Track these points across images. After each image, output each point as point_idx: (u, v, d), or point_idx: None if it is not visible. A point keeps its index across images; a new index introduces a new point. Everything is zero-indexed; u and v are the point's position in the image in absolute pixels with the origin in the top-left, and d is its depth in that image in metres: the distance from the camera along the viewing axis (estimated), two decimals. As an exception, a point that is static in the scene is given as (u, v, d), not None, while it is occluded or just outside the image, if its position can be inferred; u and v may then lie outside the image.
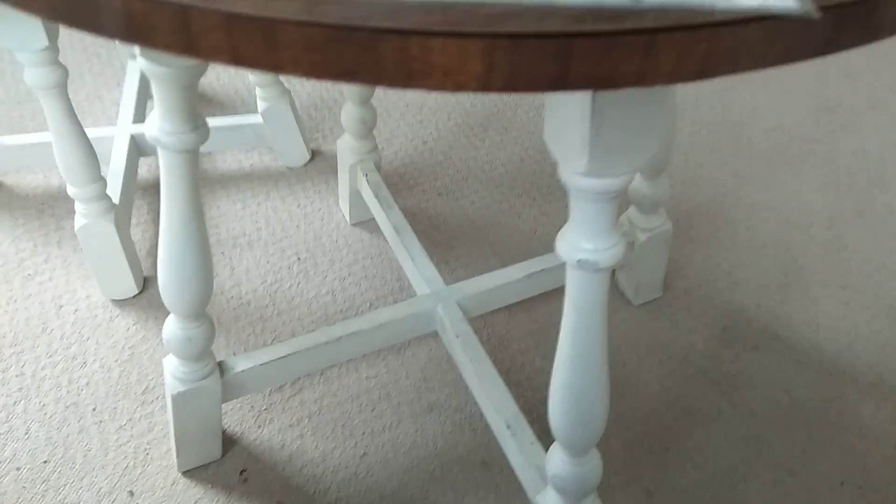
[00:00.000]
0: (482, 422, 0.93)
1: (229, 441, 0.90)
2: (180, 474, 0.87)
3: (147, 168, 1.27)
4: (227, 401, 0.84)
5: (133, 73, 1.30)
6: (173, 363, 0.79)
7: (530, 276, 0.96)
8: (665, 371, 0.99)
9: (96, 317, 1.04)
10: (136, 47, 0.52)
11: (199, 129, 0.59)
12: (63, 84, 0.87)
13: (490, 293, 0.94)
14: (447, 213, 1.20)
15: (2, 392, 0.95)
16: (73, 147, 0.92)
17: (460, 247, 1.15)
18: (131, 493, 0.86)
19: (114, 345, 1.01)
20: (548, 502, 0.71)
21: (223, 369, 0.82)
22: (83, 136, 0.93)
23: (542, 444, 0.79)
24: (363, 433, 0.92)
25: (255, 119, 1.22)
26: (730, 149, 1.34)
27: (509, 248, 1.15)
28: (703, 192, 1.25)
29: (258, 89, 1.20)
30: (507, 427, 0.79)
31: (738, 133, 1.37)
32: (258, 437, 0.91)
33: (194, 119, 0.59)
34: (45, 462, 0.88)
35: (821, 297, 1.08)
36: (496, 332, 1.03)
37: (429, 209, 1.21)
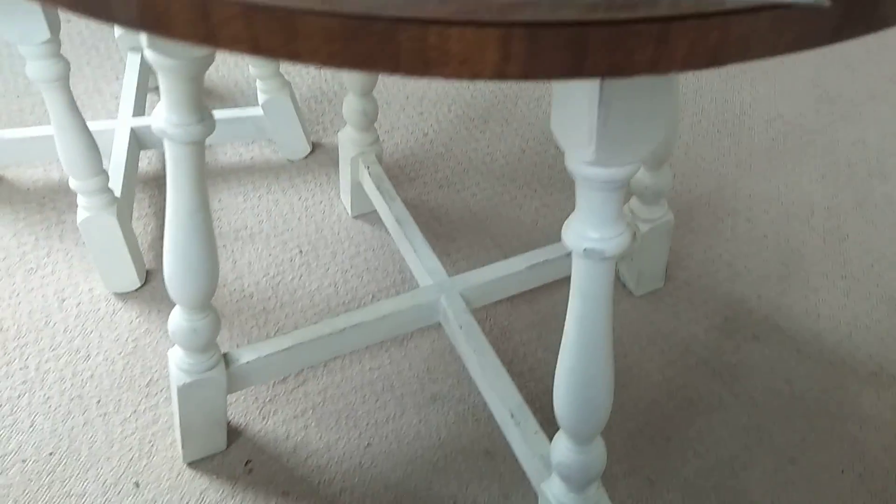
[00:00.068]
0: (485, 412, 0.93)
1: (234, 432, 0.91)
2: (185, 465, 0.87)
3: (147, 161, 1.27)
4: (232, 392, 0.85)
5: (132, 67, 1.29)
6: (178, 355, 0.79)
7: (532, 268, 0.97)
8: (666, 361, 0.99)
9: (99, 310, 1.04)
10: (144, 39, 0.52)
11: (205, 121, 0.59)
12: (65, 77, 0.87)
13: (492, 284, 0.94)
14: (448, 205, 1.20)
15: (6, 385, 0.95)
16: (75, 140, 0.92)
17: (462, 238, 1.15)
18: (137, 485, 0.86)
19: (117, 338, 1.01)
20: (552, 490, 0.72)
21: (228, 361, 0.82)
22: (85, 130, 0.93)
23: (546, 434, 0.79)
24: (367, 424, 0.92)
25: (255, 111, 1.22)
26: (730, 140, 1.34)
27: (511, 240, 1.15)
28: (704, 182, 1.26)
29: (258, 82, 1.20)
30: (511, 416, 0.79)
31: (739, 124, 1.38)
32: (263, 428, 0.91)
33: (200, 111, 0.59)
34: (50, 454, 0.89)
35: (821, 287, 1.09)
36: (498, 324, 1.03)
37: (430, 201, 1.21)
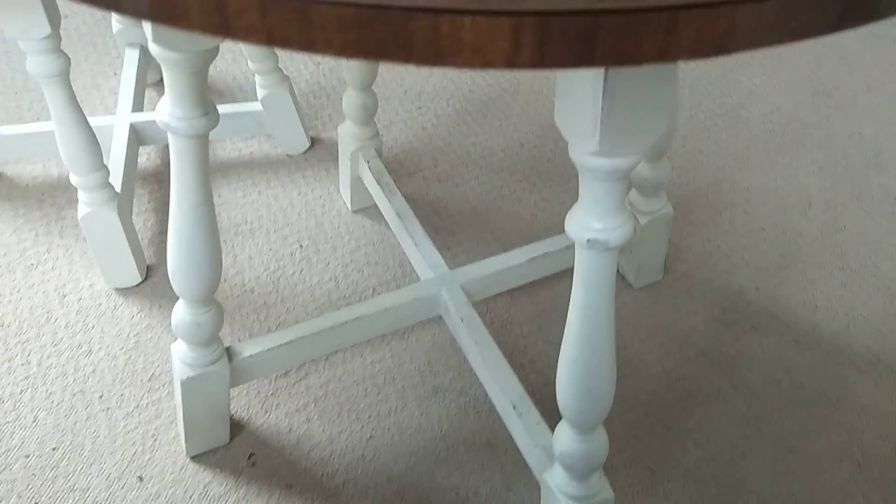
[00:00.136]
0: (486, 404, 0.94)
1: (237, 426, 0.91)
2: (189, 459, 0.88)
3: (146, 157, 1.27)
4: (235, 386, 0.85)
5: (131, 62, 1.29)
6: (182, 349, 0.79)
7: (532, 260, 0.97)
8: (666, 352, 1.00)
9: (100, 305, 1.04)
10: (149, 32, 0.53)
11: (209, 115, 0.60)
12: (65, 72, 0.87)
13: (493, 277, 0.95)
14: (447, 199, 1.21)
15: (8, 381, 0.96)
16: (75, 136, 0.92)
17: (461, 232, 1.15)
18: (140, 479, 0.86)
19: (119, 333, 1.01)
20: (555, 480, 0.72)
21: (231, 354, 0.83)
22: (86, 125, 0.93)
23: (547, 425, 0.80)
24: (369, 417, 0.93)
25: (254, 106, 1.22)
26: (728, 133, 1.35)
27: (510, 234, 1.15)
28: (702, 175, 1.26)
29: (257, 77, 1.20)
30: (513, 408, 0.80)
31: (736, 117, 1.38)
32: (265, 421, 0.92)
33: (204, 104, 0.59)
34: (53, 449, 0.89)
35: (819, 278, 1.10)
36: (499, 316, 1.04)
37: (429, 195, 1.21)
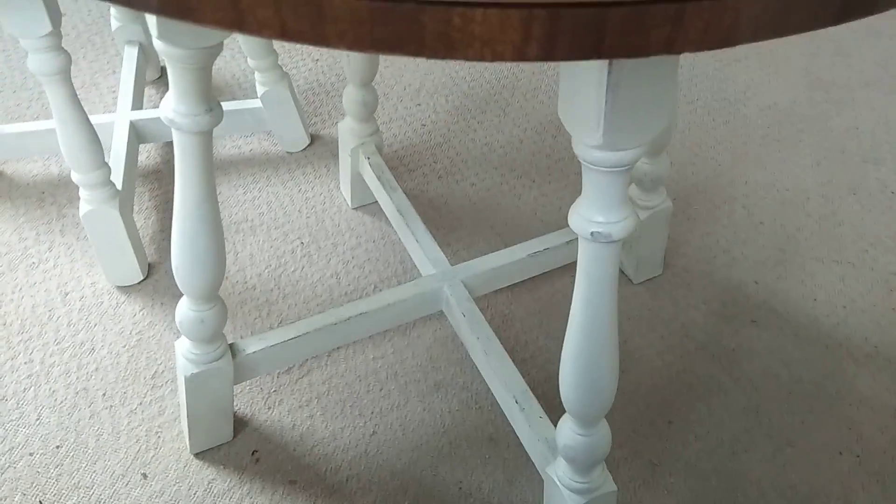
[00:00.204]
0: (488, 399, 0.94)
1: (240, 423, 0.91)
2: (192, 456, 0.88)
3: (146, 155, 1.27)
4: (239, 382, 0.86)
5: (130, 60, 1.29)
6: (186, 345, 0.80)
7: (533, 256, 0.97)
8: (666, 346, 1.00)
9: (102, 303, 1.04)
10: (154, 29, 0.53)
11: (213, 111, 0.60)
12: (66, 70, 0.87)
13: (494, 272, 0.95)
14: (447, 196, 1.21)
15: (12, 379, 0.96)
16: (77, 133, 0.92)
17: (462, 228, 1.16)
18: (144, 476, 0.87)
19: (121, 330, 1.01)
20: (558, 473, 0.73)
21: (234, 351, 0.83)
22: (87, 123, 0.93)
23: (549, 420, 0.80)
24: (372, 412, 0.93)
25: (254, 104, 1.23)
26: (726, 127, 1.36)
27: (510, 229, 1.16)
28: (701, 170, 1.27)
29: (257, 74, 1.20)
30: (516, 402, 0.80)
31: (734, 112, 1.39)
32: (268, 418, 0.92)
33: (209, 101, 0.60)
34: (57, 447, 0.89)
35: (817, 271, 1.10)
36: (500, 312, 1.04)
37: (429, 192, 1.21)
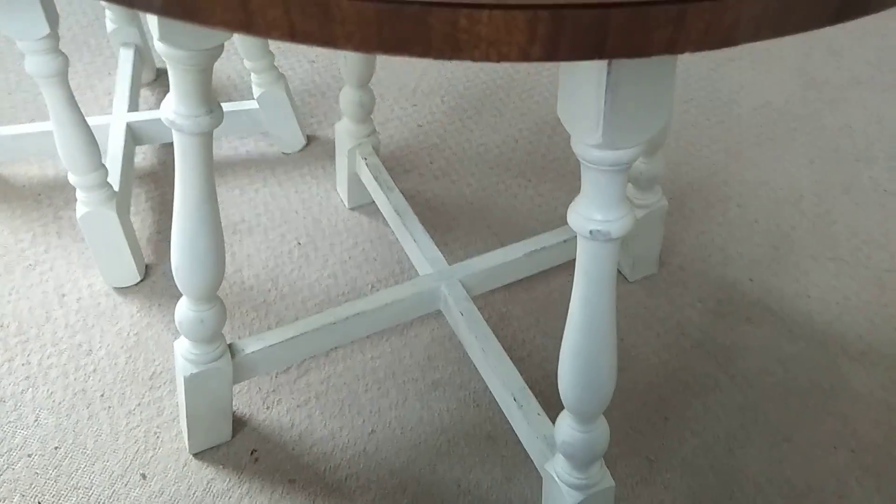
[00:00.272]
0: (485, 397, 0.95)
1: (239, 423, 0.92)
2: (192, 456, 0.88)
3: (142, 157, 1.28)
4: (238, 382, 0.86)
5: (125, 62, 1.29)
6: (185, 345, 0.80)
7: (530, 255, 0.98)
8: (662, 344, 1.01)
9: (99, 305, 1.05)
10: (156, 30, 0.53)
11: (213, 112, 0.60)
12: (64, 72, 0.88)
13: (492, 272, 0.96)
14: (444, 196, 1.21)
15: (9, 381, 0.96)
16: (74, 135, 0.93)
17: (458, 228, 1.16)
18: (144, 476, 0.87)
19: (119, 332, 1.01)
20: (556, 470, 0.73)
21: (234, 351, 0.83)
22: (84, 125, 0.93)
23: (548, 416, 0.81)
24: (370, 411, 0.93)
25: (250, 105, 1.23)
26: (720, 127, 1.36)
27: (506, 229, 1.16)
28: (695, 169, 1.28)
29: (253, 75, 1.20)
30: (514, 400, 0.81)
31: (728, 111, 1.40)
32: (267, 417, 0.92)
33: (209, 102, 0.60)
34: (56, 448, 0.89)
35: (811, 269, 1.11)
36: (497, 311, 1.04)
37: (426, 192, 1.22)
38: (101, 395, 0.94)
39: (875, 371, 0.98)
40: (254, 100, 1.22)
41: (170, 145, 1.29)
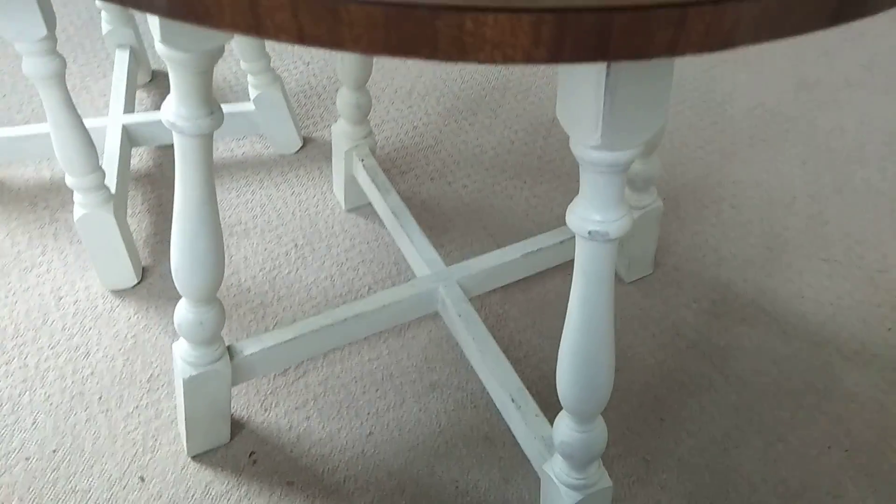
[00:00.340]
0: (483, 399, 0.95)
1: (237, 425, 0.92)
2: (190, 459, 0.88)
3: (138, 159, 1.27)
4: (237, 384, 0.86)
5: (121, 64, 1.29)
6: (184, 348, 0.80)
7: (527, 256, 0.98)
8: (658, 345, 1.02)
9: (97, 307, 1.04)
10: (157, 32, 0.53)
11: (214, 114, 0.60)
12: (61, 74, 0.88)
13: (489, 273, 0.96)
14: (440, 197, 1.22)
15: (7, 384, 0.95)
16: (71, 137, 0.93)
17: (455, 230, 1.17)
18: (142, 479, 0.87)
19: (116, 334, 1.01)
20: (554, 470, 0.74)
21: (232, 353, 0.83)
22: (81, 126, 0.93)
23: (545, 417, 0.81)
24: (368, 413, 0.94)
25: (246, 107, 1.23)
26: (713, 128, 1.37)
27: (502, 230, 1.17)
28: (689, 170, 1.28)
29: (249, 77, 1.20)
30: (512, 401, 0.81)
31: (721, 112, 1.41)
32: (265, 420, 0.92)
33: (210, 104, 0.60)
34: (53, 451, 0.89)
35: (804, 270, 1.12)
36: (493, 312, 1.05)
37: (422, 193, 1.22)
38: (99, 398, 0.94)
39: (868, 371, 0.99)
40: (250, 101, 1.22)
41: (166, 147, 1.29)
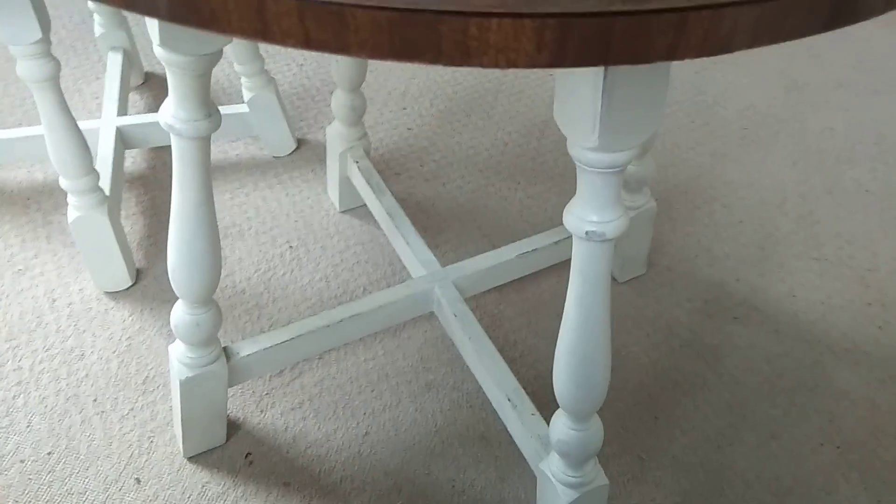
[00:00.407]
0: (479, 398, 0.95)
1: (232, 426, 0.92)
2: (186, 460, 0.88)
3: (131, 161, 1.27)
4: (233, 385, 0.86)
5: (114, 66, 1.29)
6: (180, 349, 0.80)
7: (522, 256, 0.99)
8: (651, 344, 1.03)
9: (91, 309, 1.04)
10: (156, 36, 0.54)
11: (212, 117, 0.61)
12: (56, 76, 0.87)
13: (484, 273, 0.97)
14: (435, 198, 1.22)
15: (1, 386, 0.95)
16: (65, 140, 0.92)
17: (449, 230, 1.17)
18: (138, 480, 0.87)
19: (110, 336, 1.01)
20: (551, 468, 0.74)
21: (228, 354, 0.83)
22: (76, 129, 0.93)
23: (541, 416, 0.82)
24: (364, 413, 0.94)
25: (240, 108, 1.23)
26: (705, 129, 1.38)
27: (497, 231, 1.17)
28: (681, 171, 1.29)
29: (243, 79, 1.21)
30: (508, 400, 0.82)
31: (712, 113, 1.42)
32: (261, 421, 0.93)
33: (207, 106, 0.60)
34: (49, 453, 0.89)
35: (796, 269, 1.13)
36: (488, 312, 1.05)
37: (416, 195, 1.23)
38: (94, 400, 0.94)
39: (859, 368, 1.00)
40: (244, 103, 1.22)
41: (159, 149, 1.29)
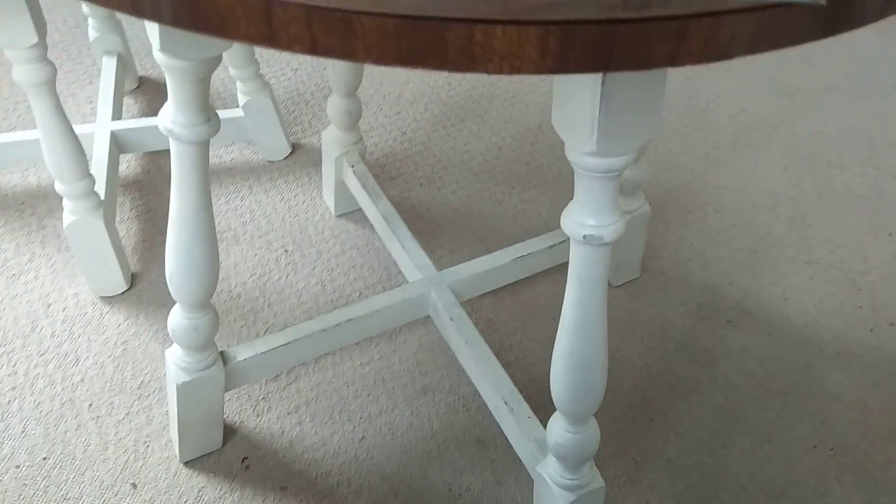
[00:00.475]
0: (475, 402, 0.96)
1: (229, 431, 0.92)
2: (182, 465, 0.88)
3: (126, 165, 1.27)
4: (230, 389, 0.86)
5: (109, 70, 1.29)
6: (177, 353, 0.80)
7: (517, 260, 1.00)
8: (646, 347, 1.03)
9: (86, 314, 1.04)
10: (156, 41, 0.54)
11: (211, 121, 0.61)
12: (52, 80, 0.87)
13: (480, 277, 0.97)
14: (429, 203, 1.23)
15: (-5, 391, 0.95)
16: (61, 144, 0.92)
17: (444, 235, 1.18)
18: (134, 486, 0.87)
19: (106, 341, 1.01)
20: (548, 471, 0.75)
21: (225, 358, 0.84)
22: (71, 133, 0.93)
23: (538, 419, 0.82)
24: (360, 417, 0.94)
25: (235, 113, 1.23)
26: (697, 134, 1.39)
27: (492, 235, 1.18)
28: (674, 176, 1.30)
29: (239, 83, 1.21)
30: (505, 403, 0.82)
31: (704, 118, 1.43)
32: (257, 425, 0.93)
33: (207, 111, 0.61)
34: (44, 459, 0.89)
35: (788, 273, 1.14)
36: (484, 316, 1.06)
37: (411, 199, 1.23)
38: (90, 405, 0.94)
39: (851, 371, 1.01)
40: (239, 108, 1.23)
41: (153, 154, 1.29)
